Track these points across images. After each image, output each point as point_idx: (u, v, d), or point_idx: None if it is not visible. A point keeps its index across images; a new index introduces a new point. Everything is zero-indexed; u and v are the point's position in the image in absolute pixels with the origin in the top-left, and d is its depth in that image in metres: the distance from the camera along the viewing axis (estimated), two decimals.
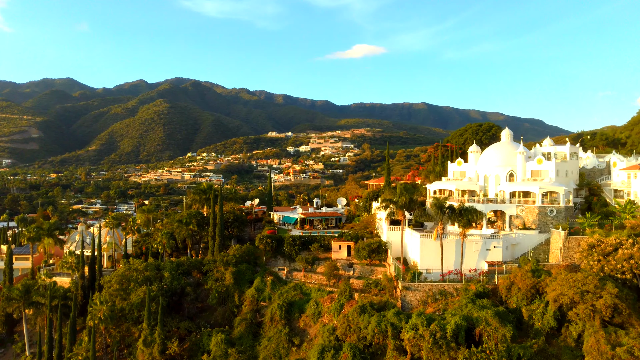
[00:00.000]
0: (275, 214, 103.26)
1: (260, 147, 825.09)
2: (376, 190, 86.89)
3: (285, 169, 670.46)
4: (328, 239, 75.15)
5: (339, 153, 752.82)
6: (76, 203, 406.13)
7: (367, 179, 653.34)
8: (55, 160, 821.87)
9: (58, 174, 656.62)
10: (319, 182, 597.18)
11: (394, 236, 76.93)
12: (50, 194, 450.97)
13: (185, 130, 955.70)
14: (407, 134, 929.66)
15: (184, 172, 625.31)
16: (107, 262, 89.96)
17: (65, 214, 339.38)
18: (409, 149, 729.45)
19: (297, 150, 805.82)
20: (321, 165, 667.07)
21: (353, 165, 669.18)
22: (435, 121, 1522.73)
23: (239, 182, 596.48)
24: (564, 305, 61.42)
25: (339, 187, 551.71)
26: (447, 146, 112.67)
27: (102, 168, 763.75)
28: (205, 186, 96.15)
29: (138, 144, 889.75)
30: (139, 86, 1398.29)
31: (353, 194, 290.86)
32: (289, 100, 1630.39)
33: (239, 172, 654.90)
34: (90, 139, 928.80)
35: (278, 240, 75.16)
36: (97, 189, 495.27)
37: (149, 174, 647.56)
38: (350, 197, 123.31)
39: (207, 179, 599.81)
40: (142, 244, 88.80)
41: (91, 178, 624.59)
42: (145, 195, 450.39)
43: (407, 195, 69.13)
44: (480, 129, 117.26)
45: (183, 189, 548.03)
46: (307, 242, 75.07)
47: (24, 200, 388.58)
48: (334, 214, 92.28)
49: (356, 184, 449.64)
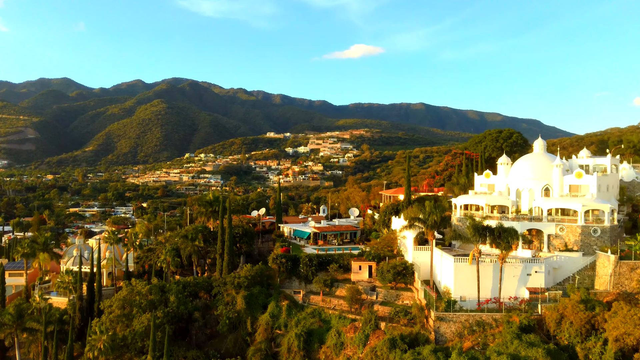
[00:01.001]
0: (286, 227, 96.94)
1: (259, 148, 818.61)
2: (395, 203, 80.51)
3: (284, 170, 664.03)
4: (347, 259, 68.77)
5: (338, 154, 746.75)
6: (73, 206, 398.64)
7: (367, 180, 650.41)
8: (52, 161, 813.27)
9: (55, 175, 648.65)
10: (318, 183, 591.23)
11: (420, 257, 69.75)
12: (46, 196, 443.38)
13: (183, 130, 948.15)
14: (405, 135, 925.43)
15: (182, 174, 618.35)
16: (106, 279, 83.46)
17: (62, 217, 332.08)
18: (409, 150, 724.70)
19: (296, 151, 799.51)
20: (320, 167, 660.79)
21: (352, 167, 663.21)
22: (433, 121, 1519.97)
23: (238, 183, 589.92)
24: (627, 346, 54.59)
25: (339, 188, 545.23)
26: (467, 155, 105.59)
27: (100, 169, 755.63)
28: (211, 198, 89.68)
29: (135, 145, 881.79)
30: (136, 86, 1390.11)
31: (356, 198, 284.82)
32: (287, 100, 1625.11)
33: (238, 173, 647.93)
34: (87, 139, 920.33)
35: (293, 260, 68.80)
36: (95, 191, 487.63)
37: (146, 175, 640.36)
38: (362, 207, 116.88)
39: (205, 180, 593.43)
40: (145, 261, 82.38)
41: (88, 179, 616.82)
42: (144, 198, 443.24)
43: (438, 213, 62.42)
44: (501, 136, 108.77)
45: (181, 190, 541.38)
46: (324, 262, 68.78)
47: (19, 203, 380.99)
48: (348, 228, 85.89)
49: (357, 186, 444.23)
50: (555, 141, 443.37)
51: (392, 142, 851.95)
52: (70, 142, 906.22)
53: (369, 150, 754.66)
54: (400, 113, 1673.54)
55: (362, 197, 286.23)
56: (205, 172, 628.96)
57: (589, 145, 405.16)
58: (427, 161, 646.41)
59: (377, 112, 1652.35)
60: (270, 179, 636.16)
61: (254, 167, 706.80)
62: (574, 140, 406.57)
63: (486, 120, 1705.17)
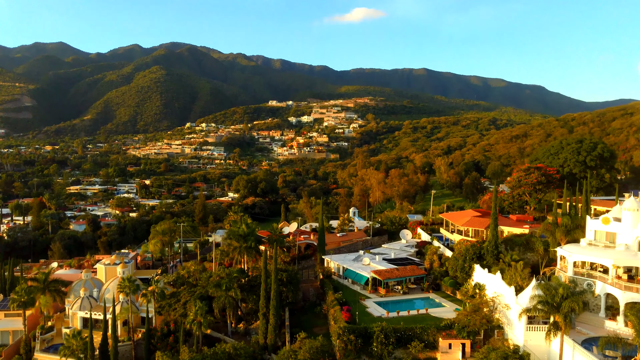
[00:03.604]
0: (332, 261, 79.69)
1: (261, 118, 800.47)
2: (476, 245, 66.45)
3: (287, 142, 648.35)
4: (434, 334, 55.59)
5: (343, 124, 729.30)
6: (74, 183, 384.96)
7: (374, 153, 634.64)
8: (49, 130, 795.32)
9: (53, 146, 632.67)
10: (324, 156, 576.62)
11: (535, 340, 50.63)
12: (45, 171, 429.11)
13: (183, 99, 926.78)
14: (410, 103, 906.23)
15: (184, 145, 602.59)
16: (121, 329, 70.76)
17: (63, 197, 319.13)
18: (415, 120, 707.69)
19: (299, 120, 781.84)
20: (325, 138, 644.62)
21: (358, 138, 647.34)
22: (436, 88, 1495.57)
23: (241, 155, 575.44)
24: None
25: (346, 161, 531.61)
26: (545, 171, 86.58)
27: (99, 139, 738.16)
28: (244, 230, 75.99)
29: (135, 113, 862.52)
30: (134, 51, 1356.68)
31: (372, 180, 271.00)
32: (287, 65, 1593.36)
33: (240, 144, 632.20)
34: (85, 107, 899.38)
35: (364, 335, 55.60)
36: (95, 166, 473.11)
37: (147, 147, 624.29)
38: (410, 224, 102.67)
39: (208, 152, 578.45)
40: (169, 312, 69.12)
41: (88, 151, 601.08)
42: (146, 174, 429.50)
43: (579, 300, 43.88)
44: (582, 147, 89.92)
45: (184, 164, 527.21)
46: (404, 337, 55.68)
47: (18, 181, 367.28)
48: (414, 272, 72.10)
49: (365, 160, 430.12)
50: (574, 116, 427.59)
51: (397, 111, 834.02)
52: (68, 110, 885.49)
53: (375, 120, 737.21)
54: (402, 79, 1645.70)
55: (378, 179, 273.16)
56: (208, 143, 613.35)
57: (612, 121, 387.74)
58: (434, 132, 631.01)
59: (379, 77, 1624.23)
60: (275, 151, 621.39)
61: (256, 137, 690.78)
62: (594, 115, 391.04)
63: (489, 86, 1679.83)
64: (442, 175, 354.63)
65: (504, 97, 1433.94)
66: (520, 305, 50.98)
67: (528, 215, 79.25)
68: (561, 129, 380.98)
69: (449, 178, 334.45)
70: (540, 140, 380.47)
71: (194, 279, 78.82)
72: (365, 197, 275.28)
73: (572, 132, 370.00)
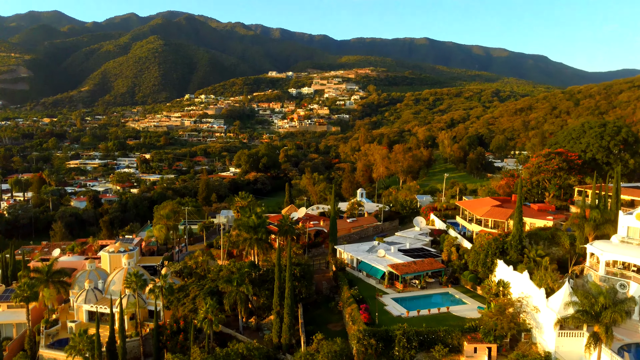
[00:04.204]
0: (345, 252, 75.51)
1: (261, 89, 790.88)
2: (499, 239, 63.24)
3: (288, 114, 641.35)
4: (458, 337, 53.04)
5: (344, 96, 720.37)
6: (73, 157, 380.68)
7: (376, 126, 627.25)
8: (47, 101, 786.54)
9: (51, 118, 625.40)
10: (325, 129, 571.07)
11: (568, 347, 47.55)
12: (44, 145, 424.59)
13: (181, 69, 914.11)
14: (412, 74, 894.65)
15: (183, 118, 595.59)
16: (128, 324, 68.26)
17: (63, 173, 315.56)
18: (417, 92, 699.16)
19: (300, 92, 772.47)
20: (326, 110, 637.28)
21: (360, 110, 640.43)
22: (437, 58, 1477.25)
23: (242, 128, 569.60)
24: None
25: (347, 134, 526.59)
26: (566, 156, 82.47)
27: (97, 111, 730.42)
28: (255, 220, 72.81)
29: (133, 85, 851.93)
30: (130, 20, 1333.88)
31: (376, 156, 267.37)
32: (286, 35, 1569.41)
33: (240, 117, 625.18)
34: (82, 78, 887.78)
35: (385, 338, 53.06)
36: (94, 139, 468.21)
37: (146, 119, 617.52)
38: (422, 209, 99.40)
39: (208, 125, 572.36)
40: (177, 308, 66.48)
41: (86, 123, 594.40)
42: (146, 147, 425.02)
43: (622, 310, 40.80)
44: (606, 132, 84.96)
45: (184, 137, 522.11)
46: (427, 341, 53.12)
47: (17, 155, 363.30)
48: (432, 265, 69.12)
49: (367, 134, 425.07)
50: (580, 88, 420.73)
51: (399, 82, 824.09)
52: (65, 81, 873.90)
53: (376, 91, 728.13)
54: (403, 49, 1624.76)
55: (382, 155, 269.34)
56: (208, 116, 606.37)
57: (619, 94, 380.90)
58: (436, 104, 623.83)
59: (380, 47, 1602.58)
60: (275, 123, 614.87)
61: (256, 109, 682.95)
62: (601, 88, 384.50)
63: (491, 56, 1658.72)
64: (445, 149, 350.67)
65: (506, 67, 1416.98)
66: (552, 309, 48.19)
67: (549, 205, 76.01)
68: (567, 102, 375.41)
69: (452, 152, 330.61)
70: (545, 114, 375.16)
71: (202, 270, 76.21)
72: (368, 172, 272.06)
73: (578, 105, 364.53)
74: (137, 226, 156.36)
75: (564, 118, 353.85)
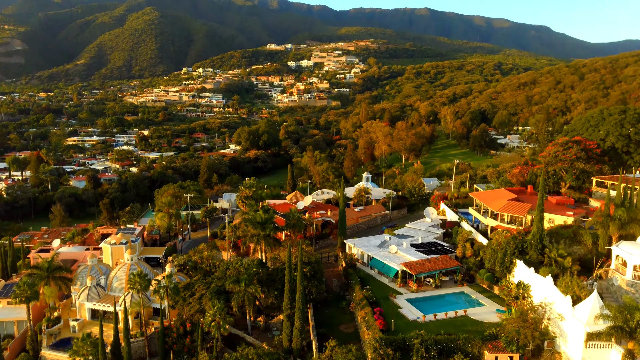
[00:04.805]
0: (355, 246, 72.44)
1: (259, 62, 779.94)
2: (518, 237, 60.59)
3: (287, 88, 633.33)
4: (478, 346, 50.91)
5: (344, 69, 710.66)
6: (71, 134, 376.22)
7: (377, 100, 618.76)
8: (42, 75, 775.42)
9: (47, 92, 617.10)
10: (325, 103, 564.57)
11: (595, 358, 45.30)
12: (41, 121, 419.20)
13: (178, 42, 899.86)
14: (412, 46, 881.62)
15: (181, 92, 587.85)
16: (132, 323, 66.10)
17: (60, 150, 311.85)
18: (418, 65, 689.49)
19: (299, 65, 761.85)
20: (326, 84, 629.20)
21: (360, 84, 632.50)
22: (438, 29, 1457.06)
23: (241, 103, 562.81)
24: None
25: (348, 109, 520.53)
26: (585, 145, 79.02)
27: (94, 85, 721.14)
28: (262, 216, 70.02)
29: (129, 58, 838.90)
30: None
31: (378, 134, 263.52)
32: (284, 5, 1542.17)
33: (239, 91, 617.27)
34: (77, 51, 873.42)
35: (402, 347, 50.96)
36: (92, 115, 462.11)
37: (144, 93, 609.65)
38: (432, 198, 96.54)
39: (206, 99, 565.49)
40: (184, 309, 64.19)
41: (83, 98, 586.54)
42: (145, 123, 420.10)
43: None
44: (626, 119, 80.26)
45: (183, 112, 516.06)
46: (445, 349, 51.11)
47: (14, 133, 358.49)
48: (447, 263, 66.50)
49: (368, 109, 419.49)
50: (585, 62, 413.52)
51: (400, 55, 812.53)
52: (60, 54, 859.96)
53: (376, 64, 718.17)
54: (404, 19, 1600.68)
55: (384, 132, 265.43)
56: (206, 90, 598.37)
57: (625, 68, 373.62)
58: (438, 77, 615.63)
59: (379, 18, 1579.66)
60: (274, 98, 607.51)
61: (255, 83, 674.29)
62: (607, 61, 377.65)
63: (493, 27, 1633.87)
64: (447, 125, 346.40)
65: (508, 38, 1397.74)
66: (579, 319, 45.86)
67: (568, 198, 73.19)
68: (571, 76, 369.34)
69: (455, 128, 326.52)
70: (549, 88, 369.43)
71: (207, 265, 73.85)
72: (370, 150, 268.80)
73: (583, 80, 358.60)
74: (138, 207, 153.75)
75: (568, 93, 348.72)
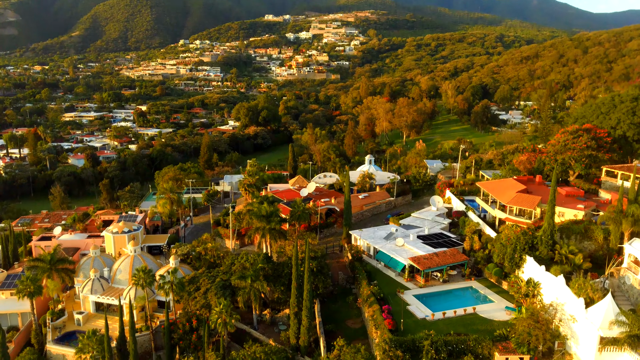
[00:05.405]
0: (361, 238, 71.08)
1: (257, 34, 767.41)
2: (528, 233, 59.63)
3: (286, 60, 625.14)
4: (489, 347, 50.49)
5: (344, 41, 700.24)
6: (68, 109, 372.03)
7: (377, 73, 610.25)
8: (37, 47, 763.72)
9: (42, 66, 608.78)
10: (324, 76, 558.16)
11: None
12: (37, 96, 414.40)
13: (175, 13, 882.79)
14: (413, 17, 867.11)
15: (179, 66, 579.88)
16: (138, 317, 65.63)
17: (58, 126, 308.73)
18: (419, 37, 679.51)
19: (297, 37, 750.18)
20: (325, 57, 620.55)
21: (360, 56, 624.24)
22: None
23: (239, 76, 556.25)
24: None
25: (347, 82, 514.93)
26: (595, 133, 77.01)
27: (90, 58, 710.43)
28: (267, 209, 68.87)
29: (125, 29, 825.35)
30: None
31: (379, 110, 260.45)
32: None
33: (237, 64, 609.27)
34: (72, 23, 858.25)
35: (412, 349, 50.50)
36: (88, 89, 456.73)
37: (141, 67, 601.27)
38: (437, 185, 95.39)
39: (204, 73, 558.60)
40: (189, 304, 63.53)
41: (79, 71, 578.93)
42: (142, 98, 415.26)
43: None
44: (638, 107, 77.88)
45: (180, 86, 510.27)
46: (455, 350, 50.72)
47: (10, 108, 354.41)
48: (455, 257, 65.65)
49: (369, 83, 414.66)
50: (589, 35, 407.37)
51: (400, 26, 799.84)
52: (55, 26, 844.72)
53: (377, 36, 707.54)
54: None
55: (385, 109, 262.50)
56: (203, 63, 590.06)
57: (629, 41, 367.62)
58: (439, 50, 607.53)
59: None
60: (273, 71, 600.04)
61: (253, 56, 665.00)
62: (611, 35, 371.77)
63: None
64: (449, 100, 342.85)
65: (509, 8, 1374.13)
66: (592, 322, 45.23)
67: (577, 189, 71.93)
68: (575, 50, 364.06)
69: (456, 104, 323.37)
70: (552, 62, 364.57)
71: (212, 257, 73.07)
72: (371, 127, 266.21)
73: (587, 53, 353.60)
74: (137, 186, 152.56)
75: (571, 67, 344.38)
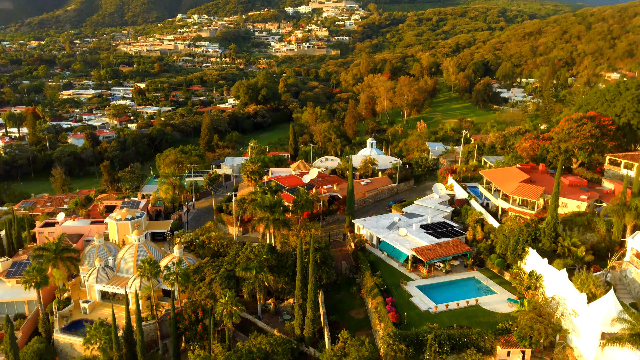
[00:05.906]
0: (365, 228, 70.78)
1: (256, 8, 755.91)
2: (532, 225, 59.84)
3: (285, 36, 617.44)
4: (491, 340, 51.14)
5: (344, 15, 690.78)
6: (65, 87, 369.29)
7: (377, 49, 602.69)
8: (32, 22, 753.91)
9: (39, 41, 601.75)
10: (324, 52, 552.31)
11: (609, 356, 44.70)
12: (34, 73, 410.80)
13: None
14: None
15: (177, 41, 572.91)
16: (143, 306, 66.39)
17: (56, 105, 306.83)
18: (420, 11, 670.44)
19: (297, 11, 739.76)
20: (325, 32, 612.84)
21: (360, 31, 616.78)
22: None
23: (237, 52, 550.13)
24: None
25: (347, 58, 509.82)
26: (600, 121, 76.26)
27: (86, 32, 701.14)
28: (271, 199, 69.04)
29: (121, 3, 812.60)
30: None
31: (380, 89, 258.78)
32: None
33: (236, 39, 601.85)
34: None
35: (415, 342, 51.22)
36: (86, 65, 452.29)
37: (138, 42, 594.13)
38: (440, 171, 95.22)
39: (202, 49, 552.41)
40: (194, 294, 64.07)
41: (76, 47, 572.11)
42: (141, 75, 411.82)
43: None
44: None
45: (179, 62, 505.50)
46: (458, 344, 51.41)
47: (7, 86, 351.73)
48: (458, 248, 65.97)
49: (369, 60, 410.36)
50: (593, 10, 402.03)
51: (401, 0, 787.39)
52: None
53: (377, 10, 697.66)
54: None
55: (386, 87, 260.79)
56: (202, 39, 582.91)
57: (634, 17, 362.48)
58: (440, 25, 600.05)
59: None
60: (272, 46, 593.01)
61: (252, 31, 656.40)
62: (615, 11, 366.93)
63: None
64: (450, 77, 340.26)
65: None
66: (594, 318, 45.81)
67: (581, 179, 71.94)
68: (578, 26, 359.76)
69: (457, 81, 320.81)
70: (555, 38, 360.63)
71: (215, 245, 73.56)
72: (371, 105, 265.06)
73: (590, 30, 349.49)
74: (138, 166, 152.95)
75: (574, 43, 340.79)
